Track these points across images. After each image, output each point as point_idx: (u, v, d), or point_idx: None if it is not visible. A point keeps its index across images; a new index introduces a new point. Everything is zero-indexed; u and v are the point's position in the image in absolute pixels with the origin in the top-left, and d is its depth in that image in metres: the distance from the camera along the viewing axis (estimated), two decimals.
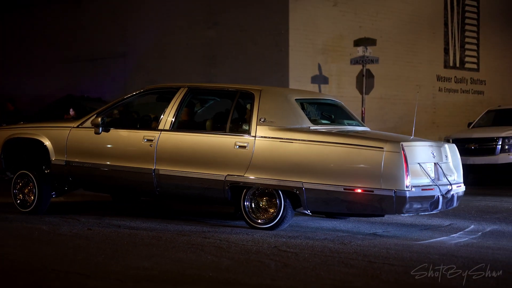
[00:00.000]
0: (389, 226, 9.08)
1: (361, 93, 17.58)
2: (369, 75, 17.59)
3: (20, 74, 24.99)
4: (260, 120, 8.31)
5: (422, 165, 8.14)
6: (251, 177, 8.27)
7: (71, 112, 18.14)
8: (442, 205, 8.19)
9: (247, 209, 8.45)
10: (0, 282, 5.87)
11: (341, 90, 18.59)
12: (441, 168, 8.48)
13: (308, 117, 8.55)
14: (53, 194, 9.78)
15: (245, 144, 8.31)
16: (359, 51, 17.55)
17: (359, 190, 7.81)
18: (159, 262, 6.63)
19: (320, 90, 18.15)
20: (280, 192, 8.24)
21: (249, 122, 8.40)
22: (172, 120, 8.79)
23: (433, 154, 8.44)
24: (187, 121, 9.18)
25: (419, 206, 8.00)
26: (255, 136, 8.28)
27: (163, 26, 20.51)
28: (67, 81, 22.61)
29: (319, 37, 18.24)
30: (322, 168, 7.98)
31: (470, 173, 15.47)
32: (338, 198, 7.94)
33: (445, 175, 8.42)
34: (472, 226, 9.07)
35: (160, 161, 8.73)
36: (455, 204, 8.57)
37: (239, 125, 8.62)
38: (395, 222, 9.37)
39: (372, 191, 7.75)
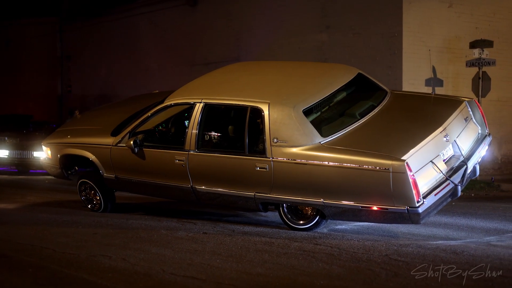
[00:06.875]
0: (504, 235, 8.91)
1: (478, 95, 17.19)
2: (486, 77, 17.18)
3: (133, 76, 25.87)
4: (273, 140, 8.73)
5: (434, 161, 8.47)
6: (277, 196, 8.84)
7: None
8: (460, 190, 8.62)
9: (284, 216, 9.13)
10: (121, 285, 6.20)
11: (456, 93, 18.14)
12: (457, 144, 8.98)
13: (318, 129, 8.74)
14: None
15: (265, 166, 8.81)
16: (475, 53, 17.13)
17: (375, 208, 8.20)
18: (272, 268, 6.81)
19: (434, 92, 17.84)
20: None
21: (263, 142, 8.82)
22: (195, 140, 9.40)
23: (446, 139, 8.73)
24: (210, 138, 9.69)
25: (437, 207, 8.43)
26: (271, 158, 8.74)
27: (275, 30, 20.75)
28: (182, 84, 23.16)
29: (433, 39, 17.97)
30: (337, 188, 8.41)
31: None
32: (359, 213, 8.36)
33: (460, 149, 8.95)
34: None
35: (194, 179, 9.48)
36: (477, 173, 9.33)
37: (257, 145, 9.02)
38: (510, 230, 9.18)
39: (387, 209, 8.12)
